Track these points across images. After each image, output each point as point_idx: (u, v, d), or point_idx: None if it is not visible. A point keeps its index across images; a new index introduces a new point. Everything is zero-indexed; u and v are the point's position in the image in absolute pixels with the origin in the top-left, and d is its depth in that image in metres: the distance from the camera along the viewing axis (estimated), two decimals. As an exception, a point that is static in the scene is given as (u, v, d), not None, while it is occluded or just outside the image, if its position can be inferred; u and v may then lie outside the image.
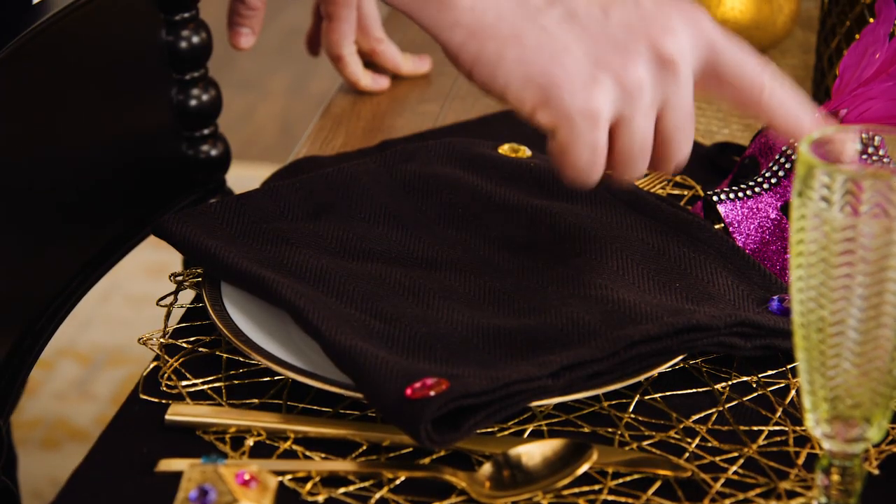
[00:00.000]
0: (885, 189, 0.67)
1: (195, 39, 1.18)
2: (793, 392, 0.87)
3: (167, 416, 0.84)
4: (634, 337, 0.83)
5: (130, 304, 2.60)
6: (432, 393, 0.79)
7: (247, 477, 0.75)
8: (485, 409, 0.80)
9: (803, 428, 0.84)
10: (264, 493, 0.75)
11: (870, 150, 0.77)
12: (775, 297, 0.90)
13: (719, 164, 1.14)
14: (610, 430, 0.84)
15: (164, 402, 0.86)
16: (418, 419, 0.78)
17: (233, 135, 1.51)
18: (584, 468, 0.78)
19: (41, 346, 1.06)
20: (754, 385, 0.88)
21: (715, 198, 0.98)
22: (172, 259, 1.35)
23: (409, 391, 0.79)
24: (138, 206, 1.18)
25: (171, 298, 0.96)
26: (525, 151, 1.05)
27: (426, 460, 0.82)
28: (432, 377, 0.80)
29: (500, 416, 0.81)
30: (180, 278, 0.97)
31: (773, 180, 0.98)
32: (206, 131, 1.22)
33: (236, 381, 0.88)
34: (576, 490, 0.79)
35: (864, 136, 0.73)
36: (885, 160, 0.77)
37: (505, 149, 1.06)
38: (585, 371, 0.83)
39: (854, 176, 0.67)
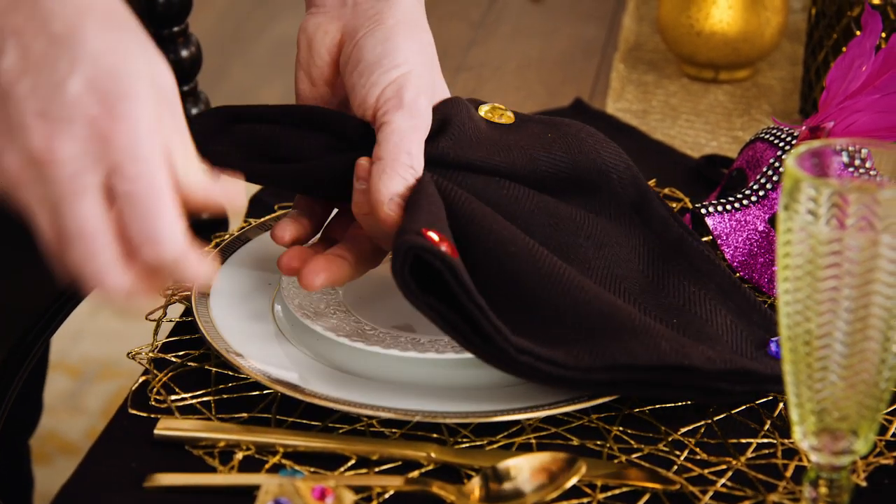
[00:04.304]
0: (871, 202, 0.67)
1: (185, 53, 1.18)
2: (780, 405, 0.87)
3: (156, 431, 0.84)
4: (632, 362, 0.82)
5: (121, 316, 2.60)
6: (443, 248, 0.81)
7: (323, 491, 0.76)
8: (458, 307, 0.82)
9: (791, 440, 0.84)
10: None
11: (856, 162, 0.77)
12: (774, 340, 0.87)
13: (707, 176, 1.14)
14: (598, 442, 0.84)
15: (153, 416, 0.86)
16: (412, 247, 0.80)
17: (223, 148, 1.51)
18: (573, 481, 0.78)
19: (32, 358, 1.06)
20: (742, 397, 0.88)
21: (703, 210, 0.98)
22: (162, 272, 1.35)
23: (427, 232, 0.82)
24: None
25: (160, 312, 0.96)
26: (509, 116, 0.97)
27: (415, 474, 0.82)
28: (449, 247, 0.83)
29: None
30: (170, 292, 0.97)
31: (761, 193, 0.99)
32: (196, 145, 1.21)
33: (225, 396, 0.88)
34: (564, 503, 0.79)
35: (850, 148, 0.73)
36: (871, 173, 0.77)
37: (486, 109, 0.97)
38: (554, 371, 0.82)
39: (840, 189, 0.68)
